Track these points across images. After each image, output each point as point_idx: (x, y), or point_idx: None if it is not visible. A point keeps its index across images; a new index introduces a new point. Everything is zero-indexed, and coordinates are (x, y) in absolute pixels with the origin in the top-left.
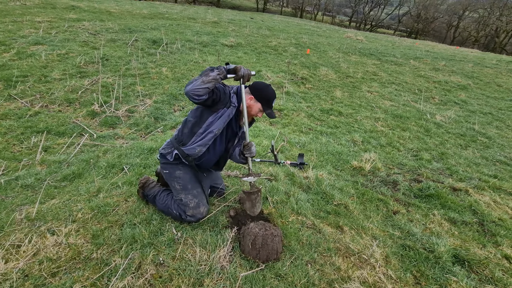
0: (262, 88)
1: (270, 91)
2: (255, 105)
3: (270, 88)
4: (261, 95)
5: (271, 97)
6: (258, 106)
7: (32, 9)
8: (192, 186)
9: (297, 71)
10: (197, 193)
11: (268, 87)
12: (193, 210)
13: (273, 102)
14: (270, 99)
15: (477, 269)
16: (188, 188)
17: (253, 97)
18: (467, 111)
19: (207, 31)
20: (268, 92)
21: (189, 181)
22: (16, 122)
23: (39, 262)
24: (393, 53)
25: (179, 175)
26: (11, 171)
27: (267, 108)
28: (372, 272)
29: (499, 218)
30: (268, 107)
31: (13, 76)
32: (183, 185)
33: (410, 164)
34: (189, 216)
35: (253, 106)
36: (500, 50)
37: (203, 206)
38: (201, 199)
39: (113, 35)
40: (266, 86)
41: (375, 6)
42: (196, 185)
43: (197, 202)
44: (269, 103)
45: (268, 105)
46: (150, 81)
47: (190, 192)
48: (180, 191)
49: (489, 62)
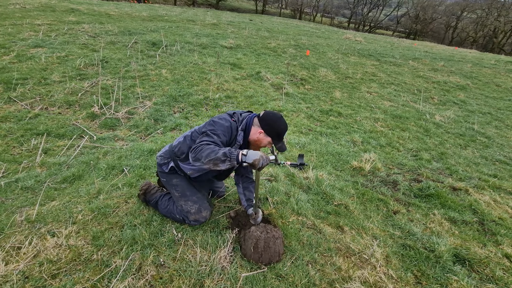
0: (273, 122)
1: (282, 124)
2: (264, 139)
3: (282, 121)
4: (271, 129)
5: (282, 132)
6: (268, 140)
7: (31, 12)
8: (190, 193)
9: (296, 72)
10: (197, 199)
11: (280, 120)
12: (196, 215)
13: (285, 135)
14: (281, 133)
15: (478, 268)
16: (187, 194)
17: (263, 132)
18: (466, 111)
19: (206, 33)
20: (279, 127)
21: (187, 188)
22: (16, 124)
23: (40, 264)
24: (392, 53)
25: (176, 183)
26: (11, 173)
27: (278, 142)
28: (373, 272)
29: (499, 217)
30: (278, 141)
31: (13, 79)
32: (182, 192)
33: (410, 164)
34: (193, 221)
35: (263, 140)
36: (498, 50)
37: (205, 210)
38: (202, 203)
39: (113, 37)
40: (277, 119)
41: (373, 7)
42: (194, 190)
43: (198, 208)
44: (280, 137)
45: (278, 139)
46: (150, 83)
47: (190, 199)
48: (180, 198)
49: (488, 62)
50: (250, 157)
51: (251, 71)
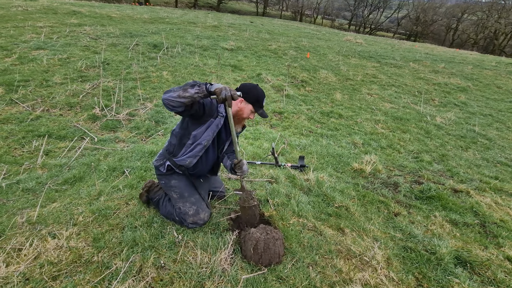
0: (250, 89)
1: (259, 90)
2: (246, 107)
3: (258, 88)
4: (251, 96)
5: (261, 97)
6: (250, 107)
7: (33, 15)
8: (189, 194)
9: (297, 74)
10: (195, 200)
11: (256, 87)
12: (193, 217)
13: (264, 101)
14: (260, 98)
15: (479, 271)
16: (185, 196)
17: (243, 99)
18: (467, 112)
19: (207, 35)
20: (257, 92)
21: (185, 189)
22: (18, 126)
23: (40, 266)
24: (392, 55)
25: (175, 184)
26: (12, 174)
27: (259, 108)
28: (374, 274)
29: (500, 220)
30: (259, 107)
31: (15, 81)
32: (180, 193)
33: (410, 166)
34: (191, 223)
35: (244, 109)
36: (499, 52)
37: (203, 212)
38: (200, 205)
39: (114, 39)
40: (254, 87)
41: (374, 10)
42: (193, 192)
43: (196, 209)
44: (260, 103)
45: (259, 105)
46: (151, 84)
47: (188, 200)
48: (178, 200)
49: (489, 64)
50: (214, 85)
51: (252, 73)
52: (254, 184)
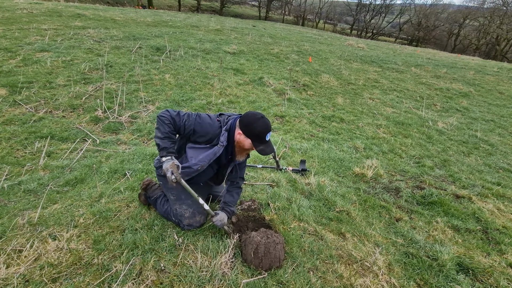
0: (250, 123)
1: (261, 125)
2: (245, 141)
3: (261, 122)
4: (249, 130)
5: (262, 132)
6: (249, 141)
7: (38, 17)
8: (185, 196)
9: (299, 78)
10: (192, 203)
11: (258, 121)
12: (189, 219)
13: (267, 136)
14: (260, 134)
15: (482, 278)
16: (182, 198)
17: (242, 133)
18: (469, 118)
19: (210, 39)
20: (257, 127)
21: (182, 191)
22: (20, 127)
23: (40, 267)
24: (394, 60)
25: (172, 186)
26: (14, 176)
27: (259, 144)
28: (375, 280)
29: (503, 226)
30: (260, 143)
31: (19, 82)
32: (177, 195)
33: (412, 171)
34: (187, 225)
35: (244, 142)
36: (501, 57)
37: (199, 215)
38: (196, 207)
39: (118, 42)
40: (256, 120)
41: (376, 15)
42: (189, 195)
43: (192, 212)
44: (260, 138)
45: (259, 141)
46: (153, 87)
47: (184, 202)
48: (175, 201)
49: (491, 69)
50: (164, 164)
51: (254, 77)
52: (255, 188)
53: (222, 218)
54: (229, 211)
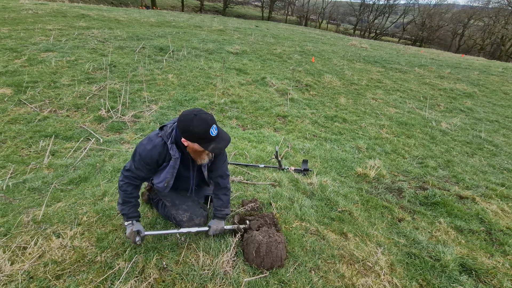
0: (186, 127)
1: (197, 124)
2: (194, 146)
3: (196, 121)
4: (189, 135)
5: (202, 132)
6: (197, 146)
7: (43, 18)
8: (180, 201)
9: (301, 78)
10: (188, 207)
11: (193, 121)
12: (188, 223)
13: (212, 131)
14: (202, 134)
15: (485, 279)
16: (177, 204)
17: (185, 139)
18: (473, 118)
19: (212, 39)
20: (195, 128)
21: (176, 197)
22: (25, 126)
23: (44, 265)
24: (397, 60)
25: (165, 194)
26: (19, 174)
27: (207, 144)
28: (377, 280)
29: (507, 227)
30: (207, 142)
31: (24, 82)
32: (171, 201)
33: (415, 172)
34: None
35: (193, 147)
36: (506, 58)
37: (197, 218)
38: (193, 211)
39: (121, 42)
40: (190, 122)
41: (379, 15)
42: (184, 199)
43: (189, 216)
44: (206, 138)
45: (205, 141)
46: (156, 87)
47: (180, 208)
48: (171, 208)
49: (495, 70)
50: (127, 230)
51: (257, 77)
52: (257, 187)
53: (215, 227)
54: (221, 216)
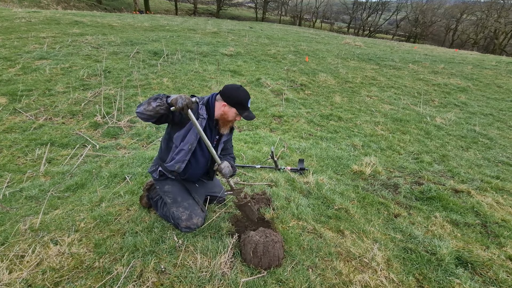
0: (233, 92)
1: (242, 93)
2: (230, 111)
3: (241, 90)
4: (233, 99)
5: (243, 99)
6: (233, 111)
7: (37, 26)
8: (182, 199)
9: (296, 78)
10: (188, 205)
11: (238, 89)
12: (186, 222)
13: (248, 103)
14: (243, 101)
15: (481, 271)
16: (178, 201)
17: (226, 104)
18: (468, 112)
19: (207, 41)
20: (239, 95)
21: (178, 194)
22: (21, 135)
23: (42, 272)
24: (391, 57)
25: (168, 189)
26: (15, 183)
27: (243, 111)
28: (374, 275)
29: (502, 219)
30: (242, 109)
31: (18, 91)
32: (173, 198)
33: (411, 167)
34: (184, 228)
35: (228, 112)
36: (500, 51)
37: (196, 217)
38: (193, 210)
39: (115, 48)
40: (236, 89)
41: (373, 12)
42: (186, 197)
43: (189, 214)
44: (243, 105)
45: (242, 107)
46: (152, 91)
47: (181, 205)
48: (171, 204)
49: (489, 63)
50: (171, 97)
51: (251, 78)
52: (254, 188)
53: (227, 164)
54: (231, 163)
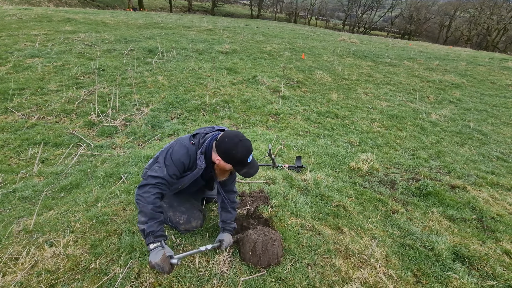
0: (229, 150)
1: (241, 150)
2: (226, 166)
3: (239, 146)
4: (228, 157)
5: (242, 158)
6: (229, 166)
7: (28, 23)
8: (178, 203)
9: (292, 75)
10: (185, 209)
11: (237, 146)
12: (185, 225)
13: (249, 158)
14: (240, 160)
15: (478, 266)
16: (174, 205)
17: (221, 159)
18: (462, 109)
19: (202, 39)
20: (237, 153)
21: (174, 199)
22: (13, 134)
23: (37, 274)
24: (387, 54)
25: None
26: (8, 183)
27: (241, 168)
28: (373, 272)
29: (497, 214)
30: (241, 167)
31: (10, 89)
32: (169, 203)
33: (407, 163)
34: (183, 230)
35: (224, 166)
36: (492, 48)
37: (194, 220)
38: (191, 213)
39: (109, 45)
40: (234, 146)
41: (367, 9)
42: (182, 201)
43: (186, 218)
44: (241, 163)
45: (241, 165)
46: (147, 89)
47: (178, 210)
48: (168, 209)
49: (482, 60)
50: (151, 256)
51: (248, 75)
52: (252, 186)
53: (228, 241)
54: (230, 229)
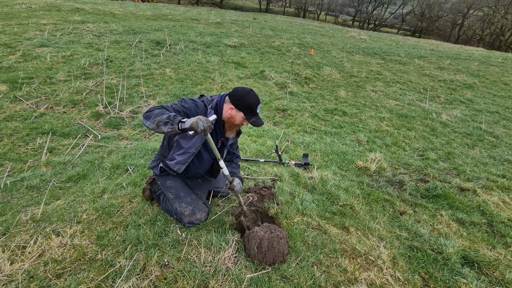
0: (242, 96)
1: (252, 97)
2: (237, 115)
3: (251, 94)
4: (241, 103)
5: (253, 104)
6: (241, 115)
7: (37, 12)
8: (184, 194)
9: (300, 71)
10: (191, 200)
11: (249, 94)
12: (190, 217)
13: (258, 109)
14: (252, 106)
15: (487, 271)
16: (181, 196)
17: (234, 107)
18: (474, 110)
19: (210, 32)
20: (249, 99)
21: (181, 189)
22: (22, 123)
23: (44, 263)
24: (397, 52)
25: (170, 185)
26: (16, 172)
27: (250, 116)
28: (380, 273)
29: (508, 219)
30: (251, 115)
31: (19, 78)
32: (175, 194)
33: (416, 164)
34: (187, 223)
35: (236, 116)
36: (505, 48)
37: (199, 212)
38: (196, 205)
39: (117, 36)
40: (246, 93)
41: (378, 5)
42: (188, 192)
43: (191, 209)
44: (252, 110)
45: (251, 113)
46: (154, 82)
47: (184, 200)
48: (174, 200)
49: (495, 60)
50: (187, 122)
51: (255, 70)
52: (258, 182)
53: (238, 181)
54: (239, 177)
